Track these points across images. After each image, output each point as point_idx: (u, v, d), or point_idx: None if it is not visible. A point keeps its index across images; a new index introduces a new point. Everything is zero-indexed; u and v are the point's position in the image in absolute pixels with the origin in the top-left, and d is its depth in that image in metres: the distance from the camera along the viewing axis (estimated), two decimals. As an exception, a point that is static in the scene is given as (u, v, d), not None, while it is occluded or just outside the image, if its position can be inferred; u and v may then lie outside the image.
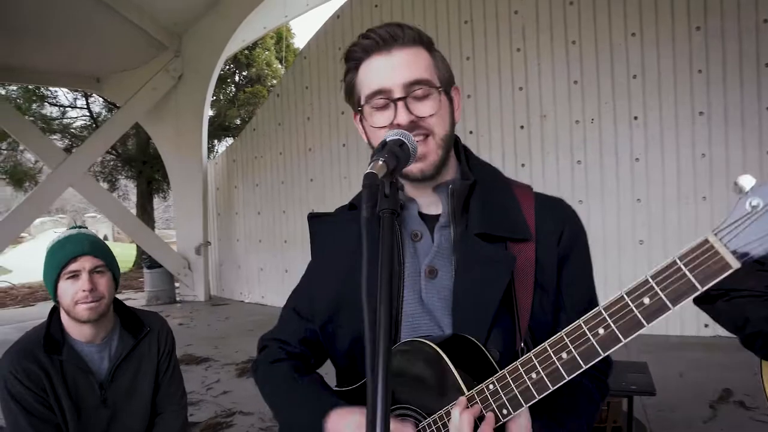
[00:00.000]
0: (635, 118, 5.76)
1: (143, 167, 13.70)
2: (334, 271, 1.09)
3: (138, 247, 12.75)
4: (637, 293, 0.73)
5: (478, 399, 0.87)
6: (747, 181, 0.68)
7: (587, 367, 0.78)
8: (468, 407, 0.86)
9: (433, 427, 0.91)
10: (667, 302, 0.71)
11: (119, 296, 1.88)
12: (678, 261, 0.70)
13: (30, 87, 12.00)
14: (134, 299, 9.61)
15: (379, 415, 0.68)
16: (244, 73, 15.61)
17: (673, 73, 5.62)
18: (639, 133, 5.74)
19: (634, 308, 0.73)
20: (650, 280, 0.72)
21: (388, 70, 0.98)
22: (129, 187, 15.85)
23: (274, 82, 14.52)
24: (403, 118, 0.96)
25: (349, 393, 1.07)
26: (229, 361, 5.71)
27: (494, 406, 0.86)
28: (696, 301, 0.68)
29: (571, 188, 5.90)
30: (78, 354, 1.76)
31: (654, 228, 5.70)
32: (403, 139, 0.89)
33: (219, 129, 14.84)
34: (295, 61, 9.25)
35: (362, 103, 1.02)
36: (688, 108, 5.57)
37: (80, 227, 1.82)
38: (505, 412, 0.85)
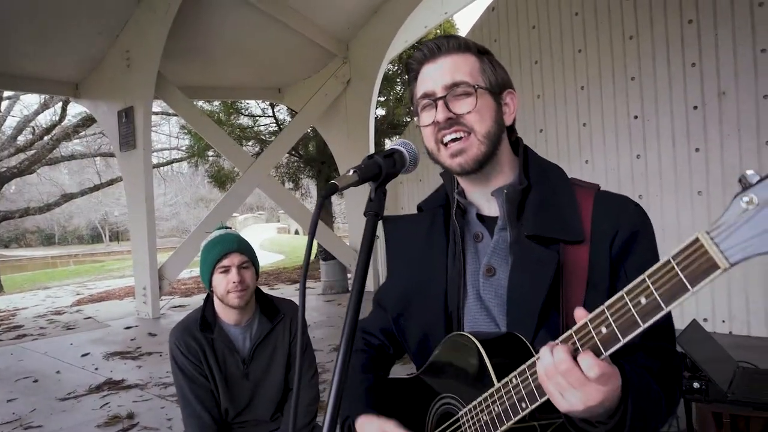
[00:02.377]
0: (695, 108, 5.42)
1: (322, 167, 14.86)
2: (404, 268, 1.20)
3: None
4: (635, 293, 0.73)
5: (503, 391, 0.90)
6: (753, 177, 0.63)
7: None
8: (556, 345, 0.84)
9: (469, 416, 0.97)
10: (661, 302, 0.70)
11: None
12: (672, 260, 0.69)
13: (227, 102, 13.77)
14: (312, 288, 10.56)
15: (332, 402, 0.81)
16: (410, 72, 16.07)
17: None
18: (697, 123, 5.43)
19: (632, 308, 0.73)
20: (647, 279, 0.72)
21: (433, 74, 1.06)
22: (311, 186, 17.32)
23: (439, 78, 14.74)
24: (440, 115, 1.04)
25: (403, 381, 1.18)
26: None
27: (515, 398, 0.88)
28: None
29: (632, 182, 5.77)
30: (226, 334, 2.08)
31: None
32: (397, 148, 1.01)
33: (389, 128, 15.52)
34: (453, 57, 9.33)
35: (416, 107, 1.11)
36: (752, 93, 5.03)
37: (227, 228, 2.15)
38: (523, 405, 0.87)
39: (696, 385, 2.55)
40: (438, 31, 15.09)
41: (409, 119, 15.46)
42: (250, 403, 2.10)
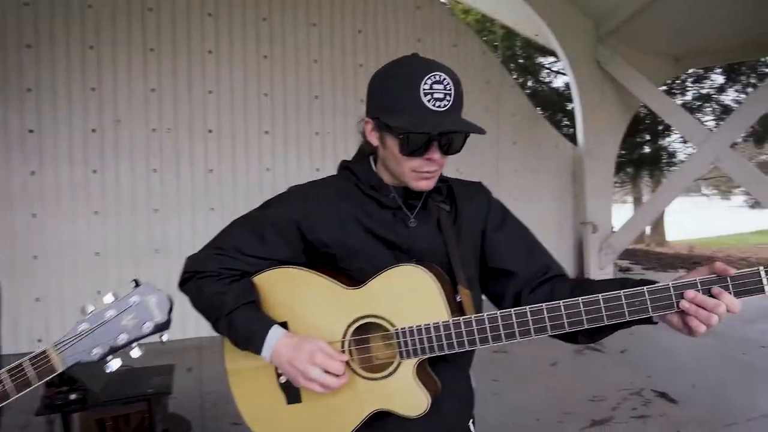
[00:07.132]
0: (210, 131, 6.05)
1: None
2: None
3: None
4: None
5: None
6: (89, 308, 0.98)
7: None
8: None
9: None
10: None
11: None
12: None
13: None
14: None
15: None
16: None
17: (243, 93, 6.12)
18: (213, 146, 6.03)
19: None
20: None
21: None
22: None
23: None
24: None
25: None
26: None
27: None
28: None
29: (147, 196, 5.79)
30: None
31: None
32: None
33: None
34: None
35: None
36: (257, 126, 6.16)
37: None
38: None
39: (73, 396, 2.58)
40: None
41: None
42: None
